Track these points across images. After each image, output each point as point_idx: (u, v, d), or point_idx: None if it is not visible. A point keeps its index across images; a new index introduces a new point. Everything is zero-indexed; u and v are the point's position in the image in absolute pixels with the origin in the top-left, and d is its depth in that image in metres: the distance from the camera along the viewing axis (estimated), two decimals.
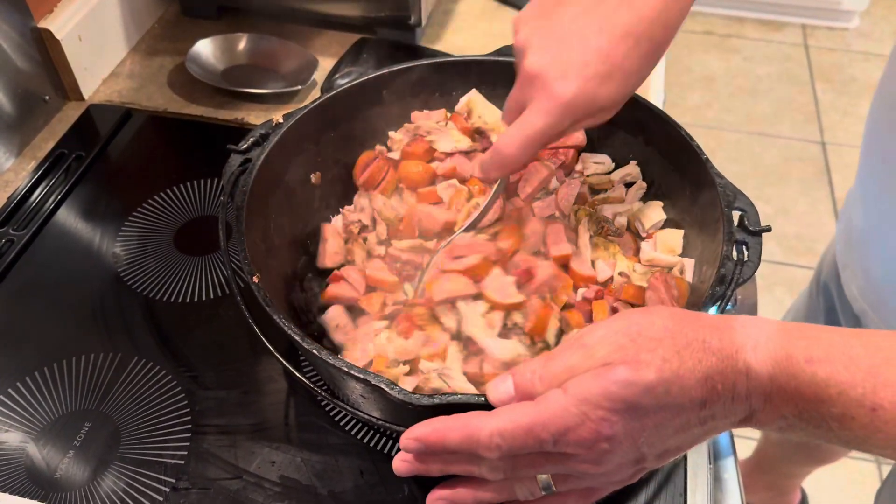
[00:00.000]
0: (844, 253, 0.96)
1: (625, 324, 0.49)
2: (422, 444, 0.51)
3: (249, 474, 0.68)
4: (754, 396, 0.47)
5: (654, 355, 0.47)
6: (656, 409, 0.47)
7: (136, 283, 0.84)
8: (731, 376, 0.47)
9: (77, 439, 0.70)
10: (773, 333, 0.48)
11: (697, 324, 0.49)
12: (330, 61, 1.10)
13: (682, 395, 0.47)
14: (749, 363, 0.47)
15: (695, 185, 0.73)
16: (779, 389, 0.47)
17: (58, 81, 1.03)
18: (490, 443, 0.48)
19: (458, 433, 0.50)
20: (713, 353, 0.47)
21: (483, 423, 0.49)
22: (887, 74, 0.84)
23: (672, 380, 0.46)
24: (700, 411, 0.47)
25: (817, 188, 2.54)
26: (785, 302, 2.16)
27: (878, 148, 0.86)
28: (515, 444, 0.48)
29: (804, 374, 0.46)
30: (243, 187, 0.69)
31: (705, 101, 2.86)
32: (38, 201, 0.91)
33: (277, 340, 0.63)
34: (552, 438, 0.47)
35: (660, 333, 0.48)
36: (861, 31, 3.20)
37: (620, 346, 0.48)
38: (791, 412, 0.47)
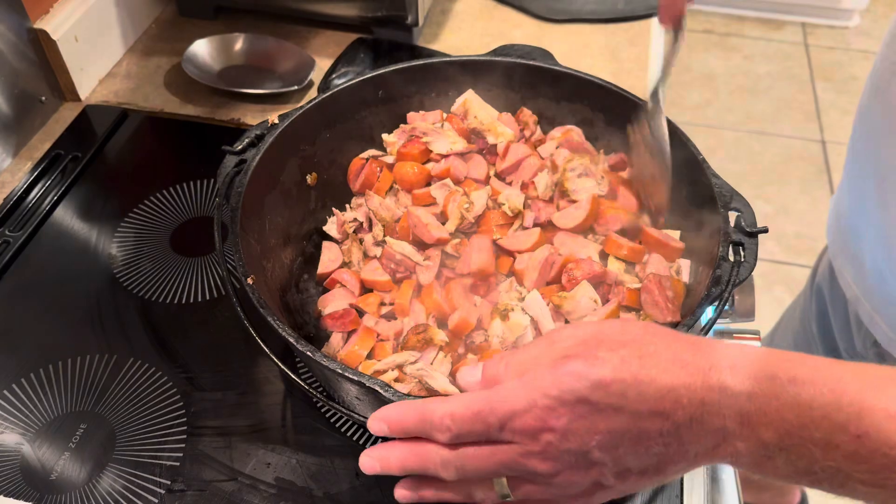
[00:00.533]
0: (835, 241, 0.97)
1: (597, 326, 0.50)
2: (384, 424, 0.52)
3: (245, 476, 0.68)
4: (728, 417, 0.45)
5: (613, 354, 0.46)
6: (609, 411, 0.45)
7: (132, 284, 0.83)
8: (701, 392, 0.45)
9: (73, 441, 0.70)
10: (755, 355, 0.46)
11: (672, 338, 0.48)
12: (327, 61, 1.10)
13: (640, 402, 0.45)
14: (724, 381, 0.45)
15: (691, 185, 0.73)
16: (758, 411, 0.44)
17: (54, 82, 1.03)
18: (441, 424, 0.49)
19: (414, 414, 0.51)
20: (683, 365, 0.45)
21: (437, 406, 0.50)
22: (878, 62, 0.84)
23: (629, 382, 0.45)
24: (661, 424, 0.45)
25: (817, 187, 2.54)
26: (784, 301, 2.15)
27: (863, 131, 0.87)
28: (464, 427, 0.48)
29: (787, 394, 0.44)
30: (238, 188, 0.69)
31: (705, 100, 2.86)
32: (34, 202, 0.91)
33: (273, 342, 0.63)
34: (499, 423, 0.47)
35: (627, 338, 0.47)
36: (861, 29, 3.20)
37: (583, 342, 0.47)
38: (771, 438, 0.44)
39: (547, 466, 0.47)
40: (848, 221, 0.92)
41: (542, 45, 0.87)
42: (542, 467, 0.48)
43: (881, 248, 0.84)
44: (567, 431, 0.46)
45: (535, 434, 0.46)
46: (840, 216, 0.95)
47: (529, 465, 0.48)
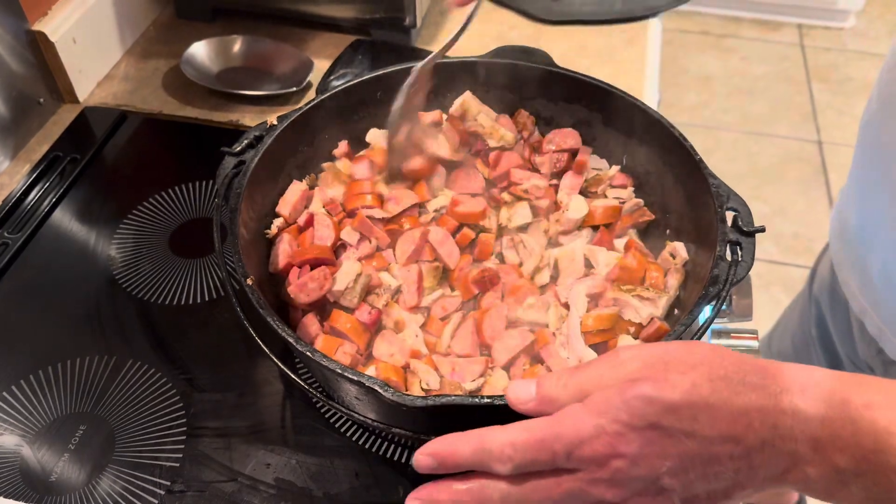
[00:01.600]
0: (839, 251, 0.96)
1: (663, 348, 0.48)
2: (434, 460, 0.48)
3: (245, 476, 0.68)
4: (800, 441, 0.43)
5: (683, 378, 0.44)
6: (680, 436, 0.44)
7: (132, 285, 0.83)
8: (773, 415, 0.43)
9: (72, 442, 0.70)
10: (824, 377, 0.45)
11: (740, 360, 0.46)
12: (325, 63, 1.10)
13: (711, 426, 0.43)
14: (796, 405, 0.44)
15: (688, 185, 0.73)
16: (831, 435, 0.43)
17: (52, 84, 1.03)
18: (502, 454, 0.46)
19: (469, 445, 0.48)
20: (753, 388, 0.44)
21: (496, 435, 0.47)
22: (885, 70, 0.84)
23: (701, 406, 0.44)
24: (732, 449, 0.44)
25: (814, 187, 2.55)
26: (782, 302, 2.16)
27: (873, 144, 0.86)
28: (528, 457, 0.46)
29: (863, 420, 0.42)
30: (237, 189, 0.69)
31: (702, 101, 2.86)
32: (33, 204, 0.91)
33: (273, 342, 0.63)
34: (565, 451, 0.45)
35: (696, 360, 0.46)
36: (857, 30, 3.20)
37: (650, 364, 0.46)
38: (846, 464, 0.43)
39: (614, 494, 0.46)
40: (855, 233, 0.91)
41: (540, 46, 0.88)
42: (609, 495, 0.46)
43: (894, 260, 0.82)
44: (637, 457, 0.44)
45: (604, 461, 0.45)
46: (846, 227, 0.94)
47: (596, 493, 0.46)
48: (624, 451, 0.44)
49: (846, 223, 0.94)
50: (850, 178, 0.95)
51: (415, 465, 0.49)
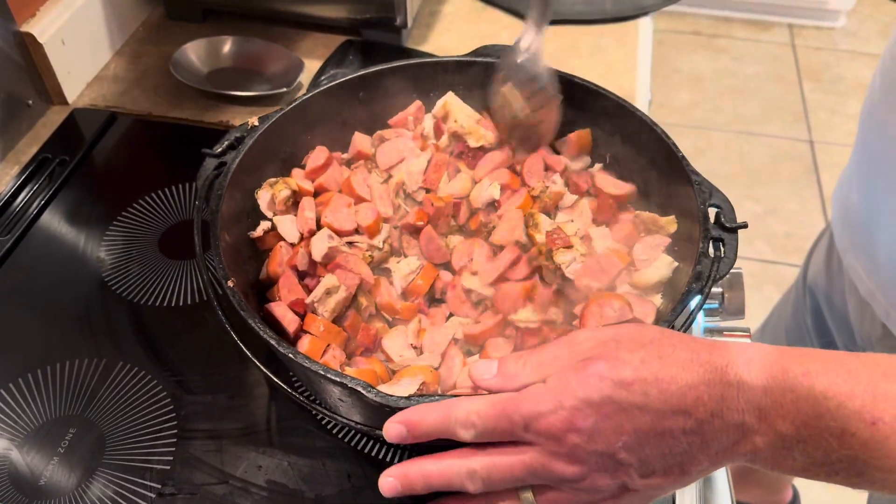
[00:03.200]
0: (844, 236, 0.96)
1: (615, 329, 0.51)
2: (404, 427, 0.51)
3: (236, 479, 0.68)
4: (747, 412, 0.46)
5: (633, 355, 0.47)
6: (633, 410, 0.46)
7: (121, 287, 0.83)
8: (720, 388, 0.46)
9: (61, 446, 0.70)
10: (768, 351, 0.47)
11: (688, 339, 0.49)
12: (316, 63, 1.10)
13: (662, 400, 0.46)
14: (741, 376, 0.46)
15: (672, 182, 0.73)
16: (774, 403, 0.45)
17: (41, 85, 1.02)
18: (466, 420, 0.49)
19: (436, 413, 0.51)
20: (701, 364, 0.47)
21: (461, 404, 0.50)
22: (886, 60, 0.84)
23: (651, 381, 0.46)
24: (684, 422, 0.46)
25: (806, 187, 2.55)
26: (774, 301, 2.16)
27: (876, 127, 0.86)
28: (489, 424, 0.49)
29: (801, 386, 0.45)
30: (218, 191, 0.69)
31: (694, 102, 2.87)
32: (21, 206, 0.91)
33: (257, 345, 0.62)
34: (523, 422, 0.48)
35: (646, 340, 0.49)
36: (848, 30, 3.22)
37: (603, 343, 0.49)
38: (788, 430, 0.45)
39: (574, 470, 0.48)
40: (860, 216, 0.91)
41: None
42: (568, 471, 0.48)
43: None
44: (594, 432, 0.46)
45: (562, 435, 0.47)
46: (850, 211, 0.94)
47: (556, 468, 0.48)
48: (580, 425, 0.46)
49: (850, 207, 0.94)
50: (851, 163, 0.96)
51: (385, 435, 0.52)
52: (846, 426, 0.44)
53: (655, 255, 0.72)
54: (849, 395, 0.44)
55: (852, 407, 0.44)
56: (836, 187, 1.02)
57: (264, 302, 0.71)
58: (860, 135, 0.92)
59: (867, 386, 0.44)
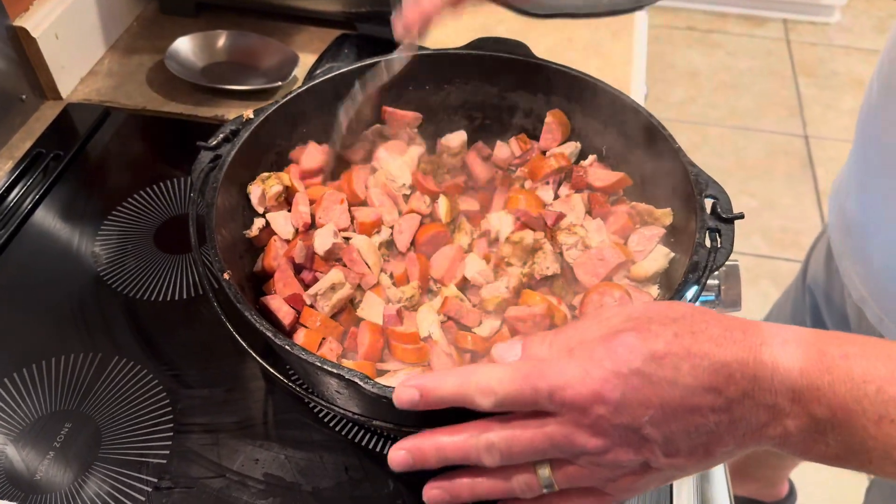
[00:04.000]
0: (840, 241, 0.96)
1: (645, 306, 0.49)
2: (417, 392, 0.48)
3: (233, 472, 0.67)
4: (780, 393, 0.44)
5: (666, 329, 0.45)
6: (662, 384, 0.44)
7: (117, 282, 0.83)
8: (753, 367, 0.44)
9: (57, 440, 0.69)
10: (804, 332, 0.46)
11: (722, 317, 0.47)
12: (311, 57, 1.09)
13: (693, 377, 0.44)
14: (775, 356, 0.44)
15: (668, 173, 0.73)
16: (810, 386, 0.44)
17: (34, 80, 1.02)
18: (486, 387, 0.47)
19: (453, 378, 0.48)
20: (734, 341, 0.45)
21: (481, 369, 0.48)
22: (884, 61, 0.83)
23: (682, 356, 0.44)
24: (713, 400, 0.44)
25: (801, 181, 2.56)
26: (770, 295, 2.17)
27: (872, 132, 0.86)
28: (510, 391, 0.46)
29: (839, 368, 0.43)
30: (213, 184, 0.69)
31: (689, 97, 2.87)
32: (15, 201, 0.90)
33: (254, 338, 0.62)
34: (548, 390, 0.45)
35: (678, 315, 0.47)
36: (842, 25, 3.22)
37: (634, 318, 0.47)
38: (824, 414, 0.44)
39: (597, 442, 0.46)
40: (855, 221, 0.90)
41: (527, 40, 0.87)
42: (591, 443, 0.46)
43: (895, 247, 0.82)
44: (620, 404, 0.45)
45: (587, 406, 0.45)
46: (846, 217, 0.93)
47: (579, 440, 0.46)
48: (607, 396, 0.44)
49: (845, 213, 0.93)
50: (847, 168, 0.95)
51: (396, 400, 0.49)
52: (885, 411, 0.43)
53: (650, 247, 0.72)
54: (889, 380, 0.43)
55: (892, 392, 0.43)
56: (833, 192, 1.01)
57: (260, 296, 0.71)
58: (857, 140, 0.91)
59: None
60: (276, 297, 0.69)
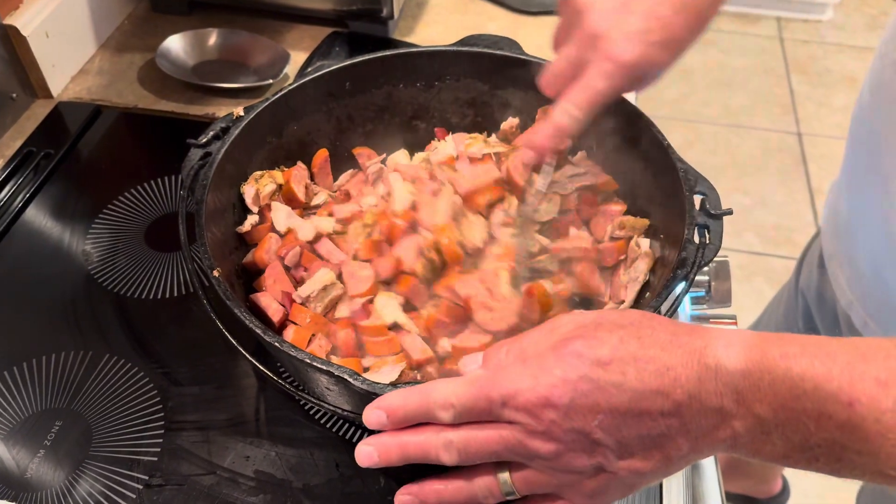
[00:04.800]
0: (831, 243, 0.95)
1: (597, 314, 0.51)
2: (383, 413, 0.52)
3: (224, 469, 0.67)
4: (725, 395, 0.45)
5: (612, 335, 0.47)
6: (610, 389, 0.46)
7: (108, 280, 0.83)
8: (697, 369, 0.46)
9: (48, 438, 0.69)
10: (748, 335, 0.47)
11: (669, 322, 0.49)
12: (302, 55, 1.09)
13: (639, 381, 0.46)
14: (719, 359, 0.46)
15: (657, 170, 0.74)
16: (751, 386, 0.45)
17: (25, 79, 1.01)
18: (445, 402, 0.49)
19: (415, 397, 0.51)
20: (679, 346, 0.47)
21: (440, 386, 0.51)
22: (876, 62, 0.83)
23: (628, 360, 0.46)
24: (662, 403, 0.46)
25: (794, 178, 2.56)
26: (764, 292, 2.18)
27: (863, 135, 0.85)
28: (467, 404, 0.49)
29: (778, 368, 0.44)
30: (203, 181, 0.69)
31: (682, 94, 2.87)
32: (6, 200, 0.90)
33: (244, 335, 0.62)
34: (501, 399, 0.48)
35: (626, 321, 0.49)
36: (835, 22, 3.23)
37: (583, 325, 0.49)
38: (766, 413, 0.45)
39: (549, 447, 0.48)
40: (846, 224, 0.90)
41: (517, 37, 0.87)
42: (544, 448, 0.48)
43: (884, 251, 0.81)
44: (569, 409, 0.46)
45: (538, 411, 0.47)
46: (838, 219, 0.93)
47: (531, 445, 0.48)
48: (556, 401, 0.46)
49: (838, 215, 0.93)
50: (841, 172, 0.94)
51: (365, 421, 0.52)
52: (823, 408, 0.44)
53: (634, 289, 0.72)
54: (826, 377, 0.43)
55: (829, 389, 0.43)
56: (828, 195, 1.00)
57: (250, 292, 0.71)
58: (849, 142, 0.90)
59: (844, 367, 0.43)
60: (266, 295, 0.69)
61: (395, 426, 0.52)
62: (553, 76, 0.66)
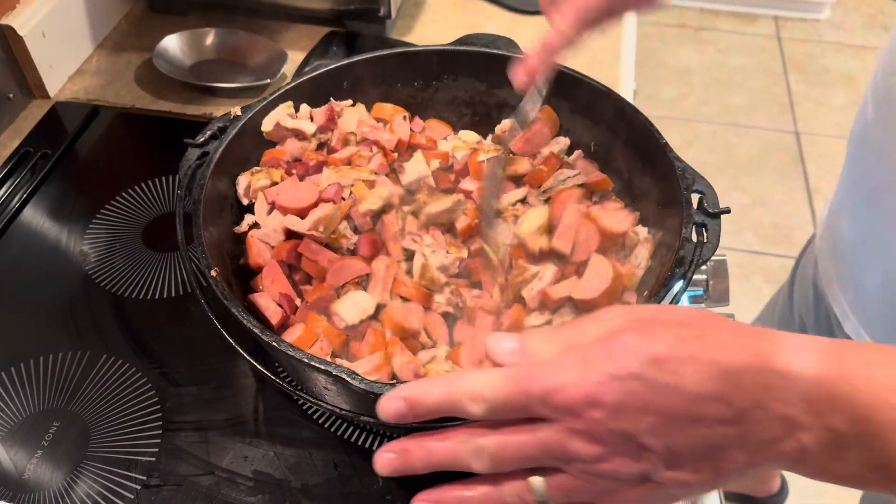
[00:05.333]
0: (829, 268, 0.91)
1: (650, 307, 0.46)
2: (405, 403, 0.45)
3: (222, 470, 0.67)
4: (795, 403, 0.41)
5: (669, 331, 0.42)
6: (663, 391, 0.41)
7: (105, 280, 0.82)
8: (765, 375, 0.41)
9: (45, 439, 0.69)
10: (822, 340, 0.43)
11: (733, 323, 0.44)
12: (300, 55, 1.09)
13: (698, 383, 0.41)
14: (789, 364, 0.41)
15: (655, 169, 0.74)
16: (827, 395, 0.40)
17: (22, 79, 1.01)
18: (475, 394, 0.44)
19: (441, 386, 0.45)
20: (745, 347, 0.42)
21: (470, 376, 0.45)
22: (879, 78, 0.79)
23: (686, 360, 0.41)
24: (719, 410, 0.41)
25: (792, 177, 2.57)
26: (762, 291, 2.18)
27: (869, 153, 0.81)
28: (501, 397, 0.43)
29: (860, 377, 0.40)
30: (200, 181, 0.69)
31: (681, 94, 2.88)
32: (3, 200, 0.90)
33: (242, 334, 0.62)
34: (541, 394, 0.42)
35: (685, 319, 0.44)
36: (832, 21, 3.24)
37: (637, 318, 0.44)
38: (843, 425, 0.40)
39: (592, 449, 0.43)
40: (849, 248, 0.86)
41: (515, 36, 0.87)
42: (586, 450, 0.43)
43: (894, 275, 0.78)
44: (617, 409, 0.41)
45: (582, 409, 0.42)
46: (838, 242, 0.89)
47: (573, 447, 0.43)
48: (603, 399, 0.41)
49: (838, 238, 0.89)
50: (839, 194, 0.90)
51: (381, 412, 0.46)
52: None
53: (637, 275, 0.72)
54: None
55: None
56: (823, 221, 0.96)
57: (248, 291, 0.71)
58: (851, 160, 0.86)
59: None
60: (264, 295, 0.69)
61: (416, 419, 0.46)
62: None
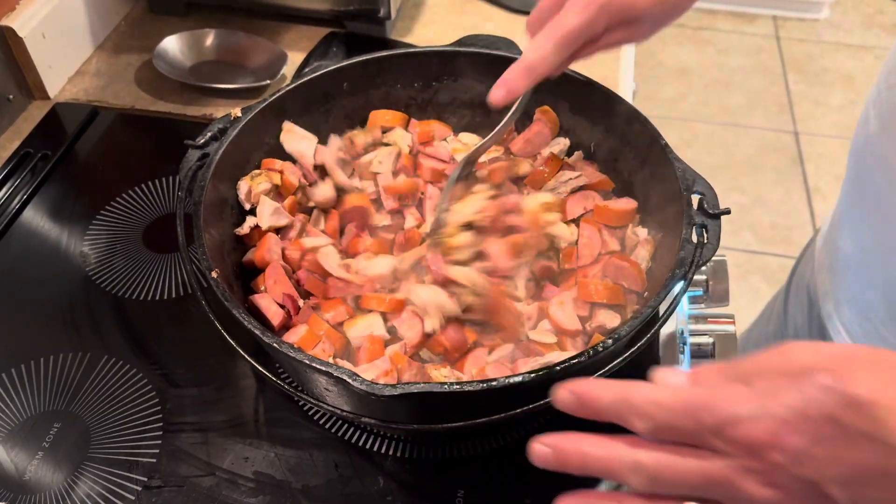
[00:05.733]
0: (828, 283, 0.90)
1: (846, 346, 0.42)
2: (576, 397, 0.43)
3: (223, 471, 0.67)
4: None
5: (872, 375, 0.37)
6: (860, 440, 0.36)
7: (106, 281, 0.82)
8: None
9: (46, 440, 0.69)
10: None
11: None
12: (299, 55, 1.09)
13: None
14: None
15: (655, 170, 0.74)
16: None
17: (22, 80, 1.01)
18: (643, 409, 0.41)
19: (612, 393, 0.43)
20: None
21: (641, 389, 0.42)
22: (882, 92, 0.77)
23: (891, 407, 0.36)
24: None
25: (791, 177, 2.57)
26: (761, 290, 2.18)
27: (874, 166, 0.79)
28: (670, 419, 0.40)
29: None
30: (201, 182, 0.69)
31: (679, 94, 2.88)
32: (3, 201, 0.90)
33: (243, 336, 0.62)
34: (715, 424, 0.39)
35: (888, 362, 0.39)
36: (831, 21, 3.24)
37: (830, 355, 0.39)
38: None
39: (767, 494, 0.38)
40: (851, 263, 0.84)
41: (515, 37, 0.88)
42: (760, 494, 0.38)
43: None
44: (804, 454, 0.37)
45: (763, 450, 0.38)
46: (838, 259, 0.87)
47: (745, 487, 0.39)
48: (789, 441, 0.37)
49: (838, 254, 0.87)
50: (840, 208, 0.88)
51: (554, 399, 0.44)
52: None
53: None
54: None
55: None
56: (822, 237, 0.94)
57: (248, 293, 0.71)
58: (852, 174, 0.84)
59: None
60: (266, 296, 0.69)
61: (583, 415, 0.43)
62: (538, 13, 0.64)
